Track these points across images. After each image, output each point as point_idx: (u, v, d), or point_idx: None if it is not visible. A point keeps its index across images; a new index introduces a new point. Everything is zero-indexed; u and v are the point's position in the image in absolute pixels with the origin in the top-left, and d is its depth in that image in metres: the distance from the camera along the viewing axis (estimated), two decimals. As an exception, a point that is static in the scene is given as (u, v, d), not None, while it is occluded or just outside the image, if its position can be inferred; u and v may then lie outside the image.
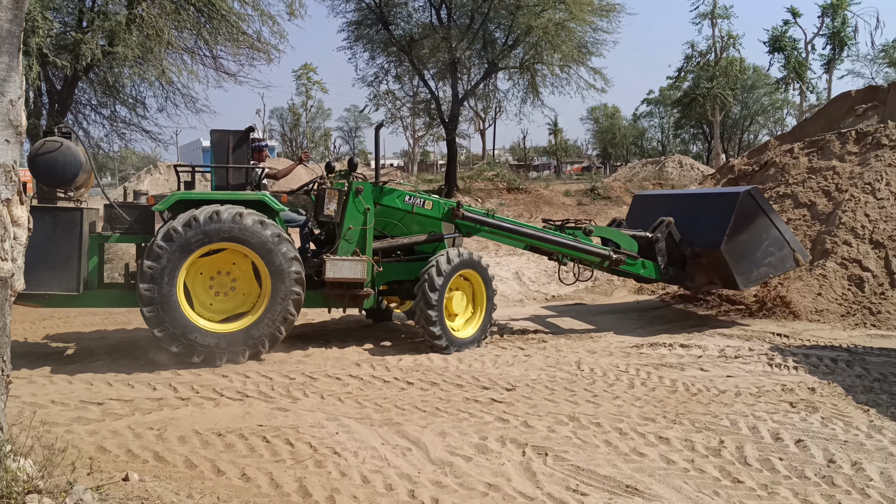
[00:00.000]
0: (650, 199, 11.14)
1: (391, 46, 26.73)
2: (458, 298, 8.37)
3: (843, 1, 35.79)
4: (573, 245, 9.08)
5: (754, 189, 9.42)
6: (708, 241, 9.22)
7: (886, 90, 12.99)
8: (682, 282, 9.88)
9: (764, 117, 63.25)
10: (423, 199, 8.62)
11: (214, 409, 5.99)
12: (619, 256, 9.19)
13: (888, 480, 4.63)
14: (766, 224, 9.22)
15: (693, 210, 9.83)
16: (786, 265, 9.45)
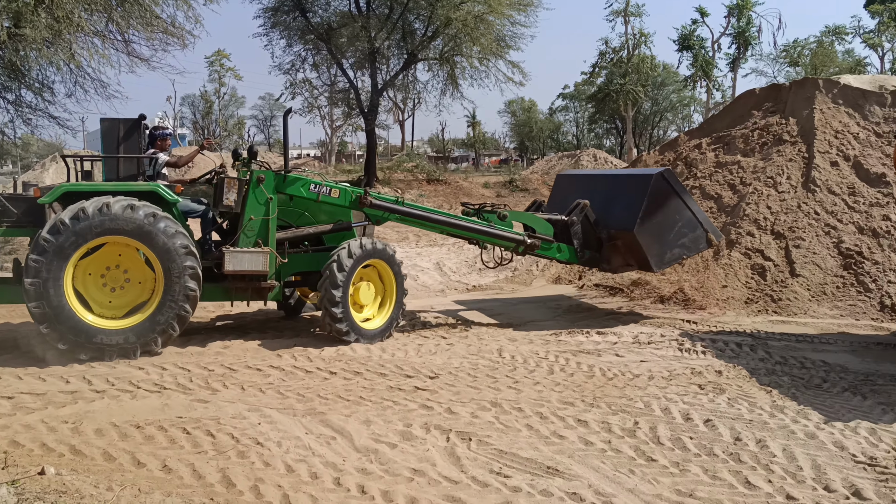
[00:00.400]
0: (571, 178, 11.14)
1: (309, 34, 26.39)
2: (366, 289, 8.25)
3: (748, 2, 37.28)
4: (486, 230, 9.04)
5: (667, 171, 9.42)
6: (622, 223, 9.22)
7: (788, 89, 13.63)
8: (598, 264, 9.81)
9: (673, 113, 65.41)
10: (330, 187, 8.41)
11: (131, 401, 5.85)
12: (533, 241, 9.17)
13: (790, 456, 4.93)
14: (679, 206, 9.24)
15: (609, 192, 9.80)
16: (699, 246, 9.52)
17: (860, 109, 12.49)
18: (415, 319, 9.47)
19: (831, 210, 11.14)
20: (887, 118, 12.21)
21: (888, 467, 4.77)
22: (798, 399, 6.17)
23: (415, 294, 11.76)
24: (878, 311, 9.65)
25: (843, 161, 11.81)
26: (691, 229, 9.34)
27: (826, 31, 44.96)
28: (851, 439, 5.24)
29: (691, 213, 9.33)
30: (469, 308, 10.33)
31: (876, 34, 44.24)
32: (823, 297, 10.04)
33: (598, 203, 9.60)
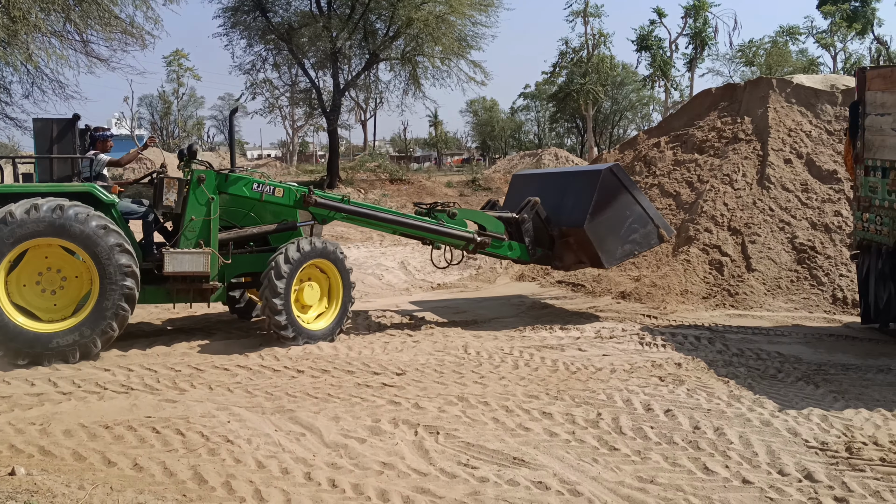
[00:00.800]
0: (525, 178, 11.20)
1: (269, 34, 26.30)
2: (311, 290, 8.14)
3: (705, 3, 37.97)
4: (435, 229, 8.99)
5: (616, 166, 9.38)
6: (573, 219, 9.21)
7: (743, 88, 13.98)
8: (551, 262, 9.80)
9: (632, 112, 66.29)
10: (273, 186, 8.27)
11: (99, 402, 5.85)
12: (483, 239, 9.10)
13: (746, 443, 5.11)
14: (629, 201, 9.21)
15: (561, 189, 9.80)
16: (650, 242, 9.48)
17: (812, 108, 12.86)
18: (381, 317, 9.55)
19: (785, 206, 11.46)
20: (838, 116, 12.59)
21: (838, 451, 4.98)
22: (754, 389, 6.39)
23: (380, 293, 11.84)
24: (831, 303, 9.97)
25: (796, 159, 12.16)
26: (642, 225, 9.32)
27: (780, 32, 46.02)
28: (804, 426, 5.45)
29: (641, 208, 9.30)
30: (434, 306, 10.43)
31: (828, 34, 45.35)
32: (778, 291, 10.34)
33: (551, 201, 9.64)
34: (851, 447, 5.04)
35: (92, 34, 12.69)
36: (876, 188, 8.51)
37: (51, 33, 11.95)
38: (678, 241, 11.55)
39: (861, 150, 8.76)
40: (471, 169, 35.79)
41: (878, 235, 8.48)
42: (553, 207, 9.58)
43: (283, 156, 73.32)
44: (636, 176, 13.60)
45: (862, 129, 8.74)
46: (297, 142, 70.19)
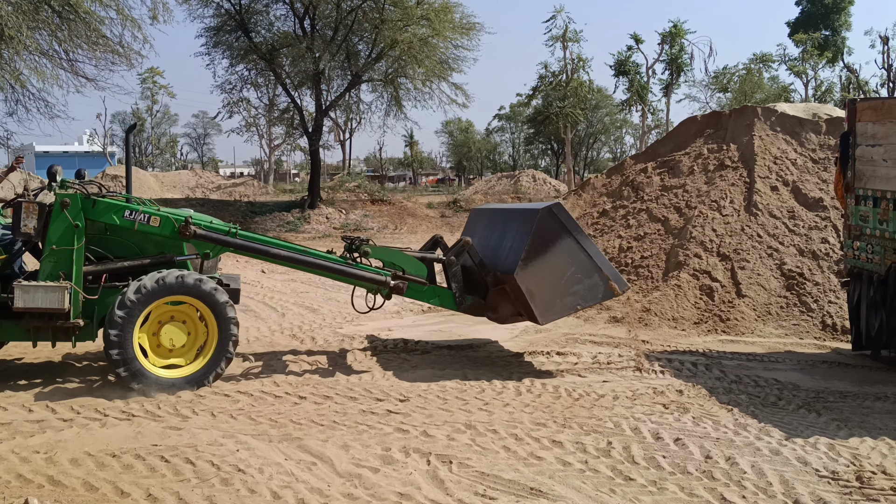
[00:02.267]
0: (479, 213, 10.04)
1: (251, 54, 26.26)
2: (175, 330, 7.08)
3: (681, 30, 38.61)
4: (338, 269, 7.96)
5: (557, 205, 8.18)
6: (507, 265, 8.02)
7: (728, 116, 14.22)
8: (484, 312, 8.61)
9: (605, 136, 67.12)
10: (149, 214, 7.31)
11: (102, 429, 5.73)
12: (398, 283, 8.01)
13: (759, 472, 5.14)
14: (570, 247, 7.97)
15: (502, 228, 8.68)
16: (597, 295, 8.14)
17: (797, 136, 13.09)
18: (375, 341, 9.49)
19: (773, 233, 11.63)
20: (822, 145, 12.83)
21: (850, 481, 5.02)
22: (758, 417, 6.43)
23: (370, 316, 11.74)
24: (821, 330, 10.10)
25: (782, 186, 12.36)
26: (587, 275, 8.00)
27: (754, 59, 46.87)
28: (812, 455, 5.50)
29: (587, 255, 8.02)
30: (428, 330, 10.39)
31: (800, 62, 46.30)
32: (769, 317, 10.46)
33: (494, 241, 8.63)
34: (861, 476, 5.08)
35: (80, 53, 12.57)
36: (867, 217, 8.67)
37: (39, 52, 11.82)
38: (668, 265, 11.65)
39: (852, 179, 8.93)
40: (451, 189, 35.87)
41: (870, 263, 8.63)
42: (494, 249, 8.51)
43: (258, 174, 73.00)
44: (624, 200, 13.74)
45: (852, 159, 8.91)
46: (274, 160, 69.96)
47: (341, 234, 8.76)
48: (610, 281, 8.07)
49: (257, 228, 25.11)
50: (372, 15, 25.21)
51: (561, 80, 37.57)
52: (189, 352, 7.18)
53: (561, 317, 8.40)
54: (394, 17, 25.04)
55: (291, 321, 10.85)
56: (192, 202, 29.34)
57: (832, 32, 52.81)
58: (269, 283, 14.06)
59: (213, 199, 33.18)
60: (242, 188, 42.53)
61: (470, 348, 9.24)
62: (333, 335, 9.90)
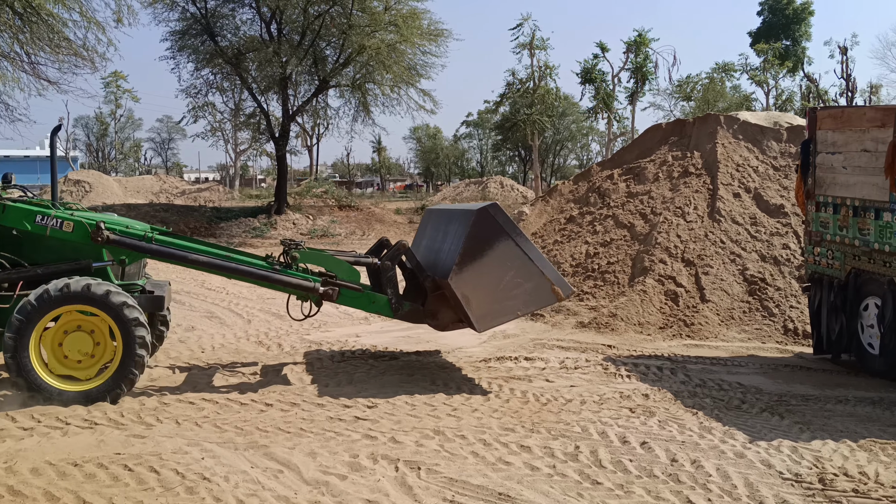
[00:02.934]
0: (430, 214, 9.51)
1: (217, 58, 26.04)
2: (79, 341, 6.72)
3: (645, 39, 39.09)
4: (263, 275, 7.57)
5: (493, 205, 7.72)
6: (444, 269, 7.63)
7: (692, 124, 14.42)
8: (422, 319, 8.09)
9: (572, 143, 67.72)
10: (62, 219, 7.06)
11: (63, 438, 5.63)
12: (328, 289, 7.61)
13: (724, 475, 5.20)
14: (509, 249, 7.55)
15: (444, 230, 8.28)
16: (539, 300, 7.85)
17: (759, 144, 13.32)
18: (343, 348, 9.44)
19: (735, 239, 11.80)
20: (783, 153, 13.07)
21: (813, 483, 5.11)
22: (722, 420, 6.51)
23: (338, 322, 11.70)
24: (782, 334, 10.26)
25: (744, 193, 12.55)
26: (527, 279, 7.63)
27: (716, 68, 47.56)
28: (776, 457, 5.58)
29: (527, 258, 7.64)
30: (395, 336, 10.36)
31: (761, 72, 47.15)
32: (732, 322, 10.60)
33: (437, 243, 8.31)
34: (824, 478, 5.17)
35: (41, 56, 12.35)
36: (827, 223, 8.84)
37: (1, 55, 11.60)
38: (634, 271, 11.76)
39: (812, 186, 9.11)
40: (419, 195, 35.88)
41: (830, 269, 8.79)
42: (437, 252, 8.17)
43: (223, 179, 72.35)
44: (591, 207, 13.85)
45: (813, 166, 9.09)
46: (239, 165, 69.39)
47: (281, 240, 8.49)
48: (553, 285, 7.74)
49: (222, 234, 24.86)
50: (339, 20, 25.15)
51: (528, 87, 37.80)
52: (93, 366, 6.76)
53: (500, 323, 8.04)
54: (361, 22, 25.02)
55: (258, 327, 10.75)
56: (155, 207, 28.97)
57: (793, 43, 54.00)
58: (234, 290, 13.92)
59: (177, 205, 32.80)
60: (207, 193, 42.07)
61: (438, 354, 9.24)
62: (300, 341, 9.83)
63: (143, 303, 7.18)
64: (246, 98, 28.06)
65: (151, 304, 7.38)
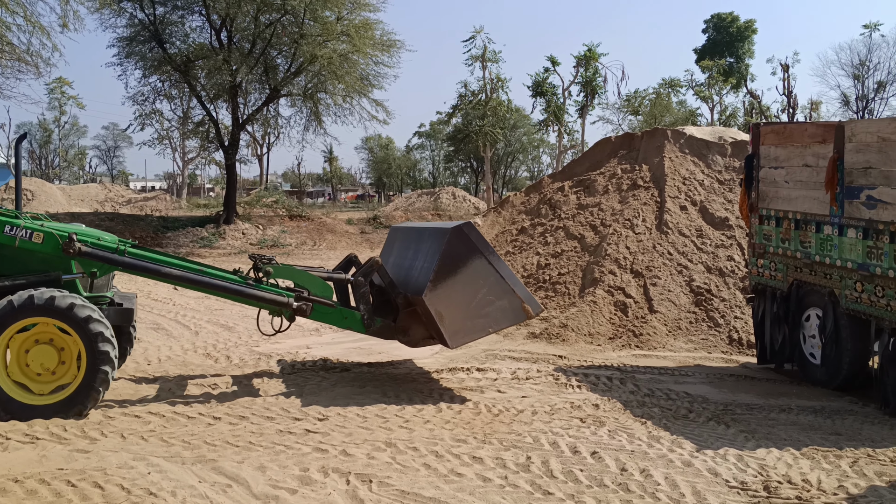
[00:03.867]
0: (396, 232, 9.56)
1: (166, 65, 25.65)
2: (44, 355, 6.53)
3: (595, 54, 39.73)
4: (237, 290, 7.56)
5: (468, 224, 7.89)
6: (418, 286, 7.74)
7: (640, 137, 14.70)
8: (394, 335, 8.22)
9: (523, 155, 68.39)
10: (31, 229, 6.91)
11: (3, 453, 5.45)
12: (301, 305, 7.59)
13: (672, 484, 5.28)
14: (482, 268, 7.69)
15: (416, 247, 8.41)
16: (510, 317, 7.94)
17: (704, 158, 13.63)
18: (293, 360, 9.34)
19: (682, 251, 12.04)
20: (728, 167, 13.40)
21: (758, 491, 5.22)
22: (670, 429, 6.61)
23: (288, 333, 11.54)
24: (728, 344, 10.48)
25: (691, 206, 12.82)
26: (498, 297, 7.76)
27: (663, 84, 48.57)
28: (722, 466, 5.68)
29: (500, 276, 7.79)
30: (347, 347, 10.29)
31: (706, 87, 48.29)
32: (679, 332, 10.80)
33: (408, 261, 8.39)
34: (769, 486, 5.29)
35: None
36: (770, 236, 9.08)
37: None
38: (584, 282, 11.90)
39: (756, 200, 9.34)
40: (370, 206, 35.78)
41: (773, 280, 9.03)
42: (407, 269, 8.28)
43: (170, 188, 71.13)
44: (542, 218, 13.98)
45: (756, 180, 9.33)
46: (187, 174, 68.32)
47: (249, 254, 8.36)
48: (523, 303, 7.87)
49: (169, 244, 24.41)
50: (291, 29, 25.00)
51: (480, 99, 38.08)
52: (56, 380, 6.57)
53: (472, 340, 8.17)
54: (313, 32, 24.90)
55: (206, 339, 10.57)
56: (100, 216, 28.32)
57: (736, 60, 55.53)
58: (181, 301, 13.67)
59: (123, 214, 32.12)
60: (154, 202, 41.32)
61: (390, 366, 9.20)
62: (250, 353, 9.69)
63: (112, 315, 7.06)
64: (195, 106, 27.67)
65: (120, 317, 7.25)
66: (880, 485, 5.38)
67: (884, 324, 7.35)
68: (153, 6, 25.07)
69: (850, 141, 7.72)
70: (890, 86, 49.25)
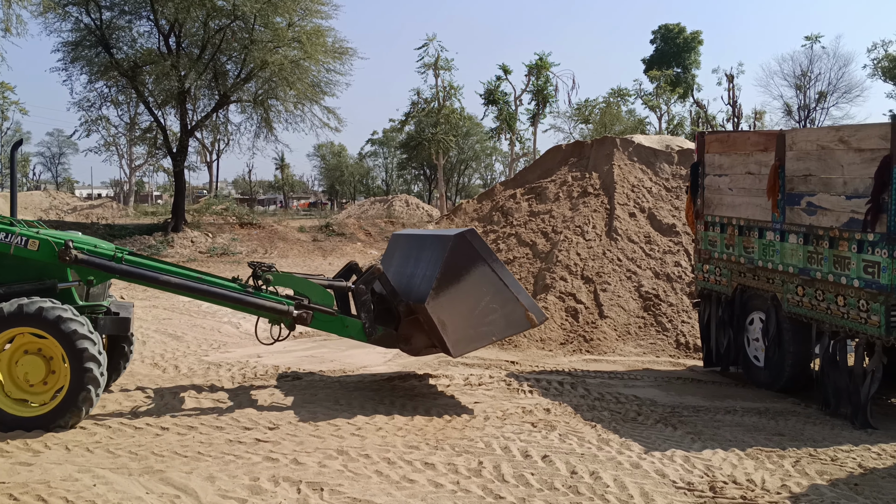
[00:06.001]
0: (398, 239, 9.45)
1: (112, 70, 25.17)
2: (33, 365, 6.41)
3: (546, 63, 40.16)
4: (236, 298, 7.45)
5: (471, 231, 7.76)
6: (420, 294, 7.64)
7: (590, 145, 14.91)
8: (396, 344, 8.10)
9: (476, 163, 68.72)
10: (26, 237, 6.81)
11: (-61, 470, 5.27)
12: (301, 312, 7.51)
13: (621, 485, 5.36)
14: (485, 275, 7.62)
15: (417, 254, 8.29)
16: (514, 325, 7.89)
17: (652, 166, 13.89)
18: (244, 369, 9.23)
19: (631, 257, 12.23)
20: (675, 174, 13.67)
21: (704, 491, 5.33)
22: (619, 432, 6.71)
23: (238, 342, 11.44)
24: (675, 348, 10.68)
25: (639, 213, 13.05)
26: (502, 305, 7.70)
27: (612, 93, 49.31)
28: (670, 467, 5.79)
29: (503, 284, 7.72)
30: (299, 356, 10.21)
31: (654, 97, 49.18)
32: (628, 337, 10.96)
33: (409, 269, 8.28)
34: (714, 486, 5.41)
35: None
36: (715, 242, 9.29)
37: None
38: (536, 288, 12.00)
39: (701, 207, 9.56)
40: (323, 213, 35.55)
41: (718, 285, 9.23)
42: (409, 277, 8.16)
43: (117, 195, 69.71)
44: (494, 225, 14.08)
45: (702, 187, 9.54)
46: (134, 181, 67.05)
47: (248, 262, 8.18)
48: (527, 311, 7.79)
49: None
50: (241, 35, 24.76)
51: (433, 106, 38.19)
52: (48, 391, 6.47)
53: (475, 348, 8.02)
54: (264, 37, 24.70)
55: (153, 349, 10.37)
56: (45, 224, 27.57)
57: (683, 70, 56.69)
58: (129, 310, 13.39)
59: (68, 222, 31.36)
60: (100, 210, 40.43)
61: (342, 373, 9.15)
62: (199, 363, 9.55)
63: (108, 325, 6.99)
64: (142, 112, 27.20)
65: (116, 327, 7.13)
66: (822, 483, 5.54)
67: (824, 327, 7.58)
68: (99, 11, 24.60)
69: (790, 149, 7.95)
70: (830, 96, 50.81)
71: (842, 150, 7.28)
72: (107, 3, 24.89)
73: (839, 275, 7.29)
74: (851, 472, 5.82)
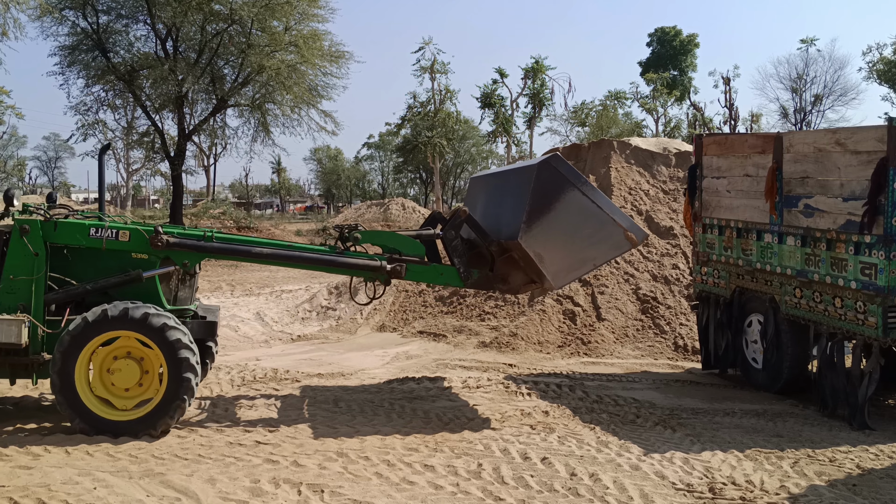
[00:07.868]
0: (477, 181, 9.13)
1: (109, 74, 25.13)
2: (130, 369, 6.40)
3: (542, 66, 40.27)
4: (328, 260, 7.33)
5: (555, 157, 7.33)
6: (511, 230, 7.26)
7: (587, 148, 14.94)
8: (492, 285, 7.86)
9: (472, 166, 68.76)
10: (116, 228, 6.81)
11: (-61, 473, 5.27)
12: (395, 266, 7.31)
13: (621, 487, 5.38)
14: (577, 200, 7.19)
15: (501, 191, 8.03)
16: (614, 248, 7.52)
17: (649, 169, 13.92)
18: (242, 372, 9.23)
19: (629, 260, 12.25)
20: (672, 177, 13.70)
21: (703, 492, 5.35)
22: (618, 434, 6.73)
23: (237, 346, 11.45)
24: (673, 350, 10.71)
25: (637, 215, 13.06)
26: (598, 228, 7.29)
27: (609, 96, 49.38)
28: (669, 469, 5.81)
29: (597, 206, 7.28)
30: (297, 359, 10.23)
31: (651, 100, 49.30)
32: (626, 339, 10.99)
33: (494, 208, 8.03)
34: (714, 488, 5.42)
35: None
36: (713, 244, 9.32)
37: None
38: (534, 291, 12.01)
39: (699, 209, 9.58)
40: (319, 216, 35.57)
41: (716, 287, 9.26)
42: (496, 216, 7.84)
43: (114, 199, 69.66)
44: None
45: (700, 190, 9.57)
46: (131, 185, 67.03)
47: (334, 225, 8.24)
48: (626, 231, 7.34)
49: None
50: (238, 39, 24.74)
51: (429, 110, 38.24)
52: (132, 397, 6.44)
53: (576, 277, 7.68)
54: (261, 42, 24.69)
55: (152, 352, 10.36)
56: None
57: (680, 73, 56.86)
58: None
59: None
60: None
61: (341, 376, 9.16)
62: (198, 366, 9.53)
63: (195, 329, 6.94)
64: (139, 116, 27.10)
65: (205, 331, 7.13)
66: (820, 484, 5.57)
67: (822, 328, 7.61)
68: (96, 14, 24.56)
69: (788, 151, 7.99)
70: (826, 98, 50.95)
71: (838, 152, 7.32)
72: (104, 6, 24.84)
73: (836, 276, 7.32)
74: (849, 472, 5.85)
